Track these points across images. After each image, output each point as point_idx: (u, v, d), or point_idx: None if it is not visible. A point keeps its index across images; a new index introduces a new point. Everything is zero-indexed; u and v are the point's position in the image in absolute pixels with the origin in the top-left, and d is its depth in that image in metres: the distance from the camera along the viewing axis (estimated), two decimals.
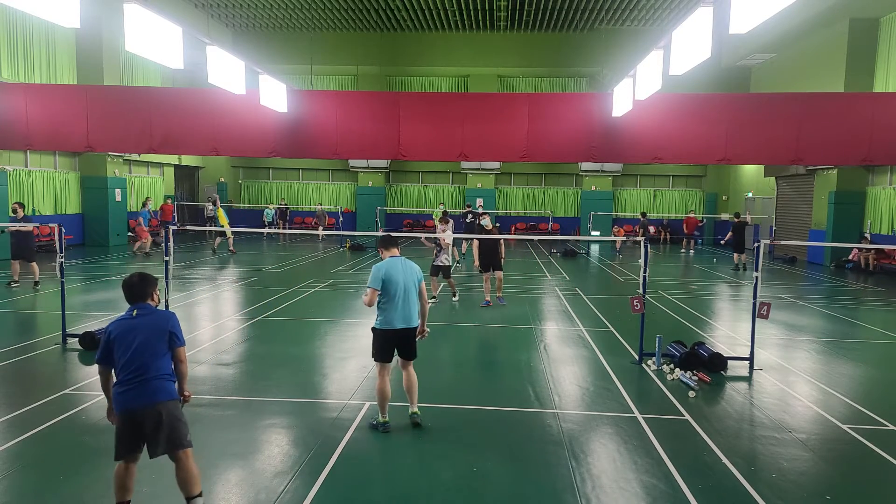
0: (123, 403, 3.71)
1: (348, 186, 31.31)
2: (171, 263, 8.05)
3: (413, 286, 5.47)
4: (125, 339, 3.76)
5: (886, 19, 18.17)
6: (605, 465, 4.91)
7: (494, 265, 11.43)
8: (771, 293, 13.15)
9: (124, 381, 3.72)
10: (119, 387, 3.74)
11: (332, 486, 4.47)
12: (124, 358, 3.73)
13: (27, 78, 18.89)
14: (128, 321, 3.83)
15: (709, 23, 8.42)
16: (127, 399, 3.70)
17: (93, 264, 16.73)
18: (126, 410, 3.71)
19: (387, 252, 5.59)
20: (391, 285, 5.35)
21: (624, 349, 8.50)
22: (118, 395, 3.73)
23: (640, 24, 25.26)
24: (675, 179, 30.27)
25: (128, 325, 3.81)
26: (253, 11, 24.71)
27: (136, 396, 3.69)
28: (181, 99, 17.12)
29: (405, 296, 5.39)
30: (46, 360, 7.52)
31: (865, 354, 8.76)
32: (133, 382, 3.70)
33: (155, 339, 3.78)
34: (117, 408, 3.74)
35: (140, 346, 3.73)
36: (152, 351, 3.76)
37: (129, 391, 3.70)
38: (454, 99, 18.24)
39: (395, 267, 5.42)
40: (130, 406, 3.70)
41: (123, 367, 3.73)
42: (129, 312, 3.88)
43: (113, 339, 3.77)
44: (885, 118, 15.07)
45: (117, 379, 3.77)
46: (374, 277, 5.36)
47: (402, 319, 5.39)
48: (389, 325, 5.38)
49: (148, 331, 3.79)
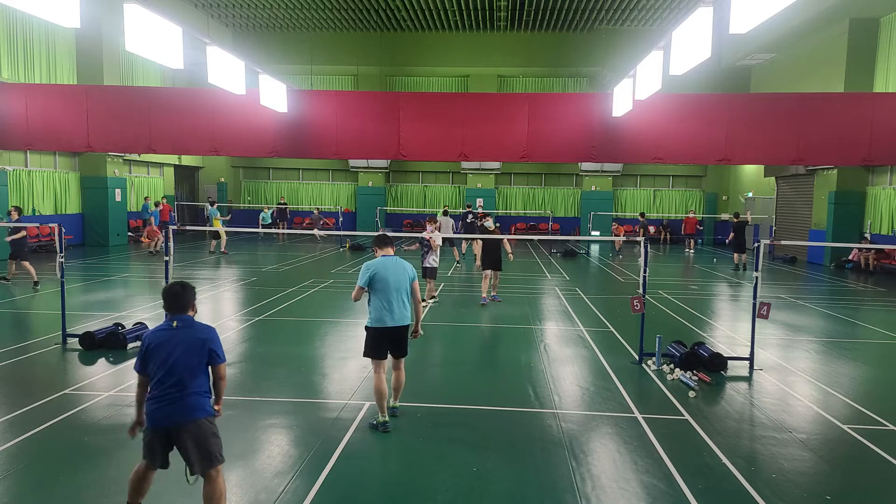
0: (157, 420, 3.61)
1: (348, 186, 31.32)
2: (172, 263, 8.05)
3: (404, 285, 5.49)
4: (163, 351, 3.64)
5: (886, 19, 18.17)
6: (605, 465, 4.91)
7: (495, 265, 11.63)
8: (771, 293, 13.15)
9: (159, 396, 3.60)
10: (153, 402, 3.62)
11: (332, 486, 4.47)
12: (161, 371, 3.61)
13: (27, 78, 18.89)
14: (167, 332, 3.70)
15: (709, 23, 8.42)
16: (161, 416, 3.60)
17: (93, 264, 16.73)
18: (159, 428, 3.62)
19: (380, 251, 5.62)
20: (380, 283, 5.38)
21: (624, 349, 8.50)
22: (152, 410, 3.62)
23: (640, 24, 25.25)
24: (675, 179, 30.27)
25: (167, 336, 3.68)
26: (253, 11, 24.71)
27: (171, 413, 3.59)
28: (181, 99, 17.13)
29: (396, 295, 5.42)
30: (46, 360, 7.52)
31: (865, 354, 8.76)
32: (168, 398, 3.59)
33: (194, 354, 3.67)
34: (150, 422, 3.64)
35: (178, 361, 3.62)
36: (190, 366, 3.65)
37: (164, 407, 3.59)
38: (454, 99, 18.24)
39: (386, 266, 5.44)
40: (164, 423, 3.60)
41: (160, 381, 3.61)
42: (169, 323, 3.75)
43: (151, 350, 3.66)
44: (885, 118, 15.08)
45: (151, 392, 3.65)
46: (363, 275, 5.43)
47: (392, 318, 5.41)
48: (380, 322, 5.43)
49: (187, 345, 3.67)
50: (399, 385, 5.75)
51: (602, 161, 23.14)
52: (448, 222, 17.36)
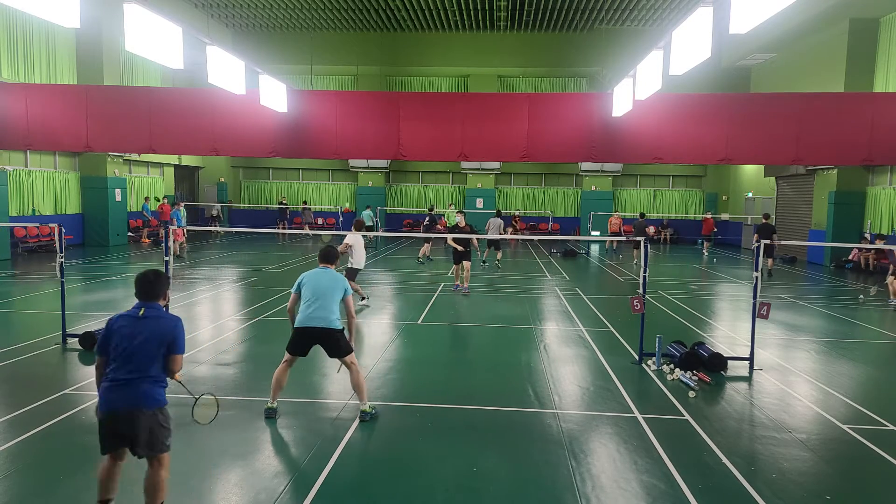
0: (109, 402, 3.61)
1: (348, 186, 31.32)
2: (172, 263, 8.04)
3: (329, 294, 5.70)
4: (124, 338, 3.66)
5: (886, 19, 18.17)
6: (604, 465, 4.91)
7: (465, 258, 12.86)
8: (771, 293, 13.15)
9: (114, 378, 3.62)
10: (107, 384, 3.63)
11: (332, 486, 4.47)
12: (121, 357, 3.63)
13: (27, 78, 18.89)
14: (133, 319, 3.73)
15: (709, 23, 8.43)
16: (113, 398, 3.60)
17: (93, 264, 16.73)
18: (110, 410, 3.61)
19: (321, 263, 5.99)
20: (305, 290, 5.74)
21: (624, 349, 8.50)
22: (105, 392, 3.62)
23: (640, 24, 25.26)
24: (675, 179, 30.28)
25: (132, 323, 3.71)
26: (253, 11, 24.71)
27: (123, 397, 3.60)
28: (181, 99, 17.13)
29: (318, 301, 5.66)
30: (46, 360, 7.52)
31: (865, 354, 8.76)
32: (122, 381, 3.61)
33: (155, 344, 3.68)
34: (101, 405, 3.64)
35: (138, 348, 3.64)
36: (150, 354, 3.66)
37: (116, 389, 3.60)
38: (454, 99, 18.23)
39: (316, 276, 5.82)
40: (114, 406, 3.60)
41: (117, 366, 3.63)
42: (137, 310, 3.77)
43: (112, 332, 3.69)
44: (885, 118, 15.07)
45: (107, 374, 3.66)
46: (295, 283, 5.85)
47: (308, 319, 5.62)
48: (299, 322, 5.68)
49: (149, 334, 3.68)
50: (355, 385, 5.73)
51: (602, 161, 23.13)
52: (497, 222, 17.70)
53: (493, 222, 17.63)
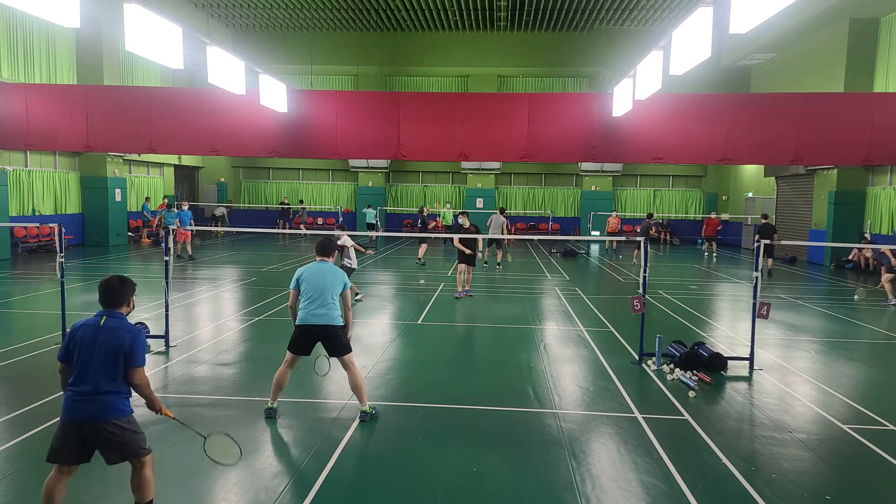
0: (72, 413, 3.54)
1: (348, 186, 31.33)
2: (172, 263, 8.05)
3: (329, 290, 5.62)
4: (84, 347, 3.57)
5: (886, 19, 18.17)
6: (604, 465, 4.91)
7: (469, 261, 12.32)
8: (771, 293, 13.15)
9: (77, 391, 3.54)
10: (70, 395, 3.55)
11: (332, 486, 4.47)
12: (81, 367, 3.56)
13: (27, 78, 18.88)
14: (93, 328, 3.62)
15: (709, 23, 8.43)
16: (76, 410, 3.53)
17: (93, 264, 16.73)
18: (73, 421, 3.54)
19: (318, 256, 5.88)
20: (305, 286, 5.65)
21: (624, 349, 8.50)
22: (68, 401, 3.55)
23: (640, 24, 25.26)
24: (675, 179, 30.28)
25: (91, 333, 3.61)
26: (253, 11, 24.71)
27: (86, 410, 3.53)
28: (181, 99, 17.13)
29: (320, 297, 5.58)
30: (46, 361, 7.51)
31: (865, 354, 8.77)
32: (83, 394, 3.53)
33: (114, 355, 3.57)
34: (64, 414, 3.56)
35: (95, 360, 3.55)
36: (108, 367, 3.56)
37: (80, 402, 3.53)
38: (454, 99, 18.23)
39: (314, 270, 5.72)
40: (79, 418, 3.53)
41: (78, 376, 3.55)
42: (98, 318, 3.67)
43: (74, 343, 3.60)
44: (885, 118, 15.07)
45: (70, 384, 3.57)
46: (293, 279, 5.74)
47: (309, 316, 5.57)
48: (300, 320, 5.61)
49: (108, 344, 3.58)
50: (354, 385, 5.68)
51: (602, 161, 23.12)
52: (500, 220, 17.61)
53: (496, 220, 17.58)
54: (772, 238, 15.98)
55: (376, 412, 5.76)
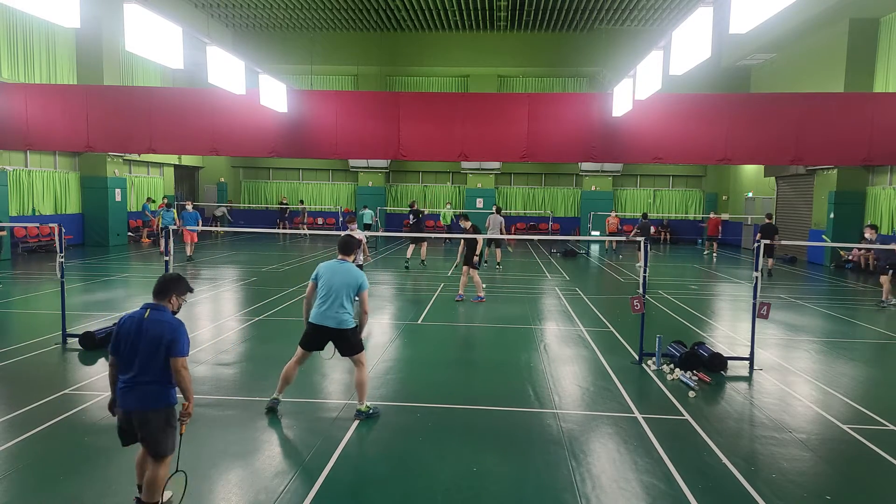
0: (123, 403, 3.79)
1: (348, 186, 31.33)
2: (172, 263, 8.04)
3: (344, 291, 5.59)
4: (129, 338, 3.78)
5: (886, 19, 18.17)
6: (604, 465, 4.91)
7: (469, 263, 12.00)
8: (771, 293, 13.15)
9: (124, 380, 3.78)
10: (120, 386, 3.80)
11: (332, 486, 4.47)
12: (126, 358, 3.78)
13: (27, 78, 18.89)
14: (137, 320, 3.83)
15: (709, 23, 8.42)
16: (124, 399, 3.78)
17: (93, 264, 16.72)
18: (125, 410, 3.80)
19: (339, 255, 5.84)
20: (321, 284, 5.62)
21: (624, 349, 8.50)
22: (119, 392, 3.80)
23: (640, 24, 25.26)
24: (675, 179, 30.28)
25: (135, 324, 3.82)
26: (253, 11, 24.71)
27: (130, 399, 3.76)
28: (181, 99, 17.13)
29: (335, 299, 5.56)
30: (46, 360, 7.52)
31: (865, 354, 8.77)
32: (130, 383, 3.75)
33: (156, 345, 3.76)
34: (119, 404, 3.82)
35: (140, 351, 3.75)
36: (151, 356, 3.76)
37: (126, 392, 3.76)
38: (454, 99, 18.23)
39: (332, 268, 5.66)
40: (125, 406, 3.79)
41: (124, 367, 3.79)
42: (143, 311, 3.87)
43: (120, 335, 3.82)
44: (885, 118, 15.06)
45: (119, 376, 3.82)
46: (314, 272, 5.75)
47: (321, 317, 5.56)
48: (313, 318, 5.61)
49: (151, 335, 3.77)
50: (359, 385, 5.74)
51: (602, 161, 23.12)
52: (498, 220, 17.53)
53: (494, 219, 17.58)
54: (773, 238, 16.18)
55: (373, 412, 5.76)
